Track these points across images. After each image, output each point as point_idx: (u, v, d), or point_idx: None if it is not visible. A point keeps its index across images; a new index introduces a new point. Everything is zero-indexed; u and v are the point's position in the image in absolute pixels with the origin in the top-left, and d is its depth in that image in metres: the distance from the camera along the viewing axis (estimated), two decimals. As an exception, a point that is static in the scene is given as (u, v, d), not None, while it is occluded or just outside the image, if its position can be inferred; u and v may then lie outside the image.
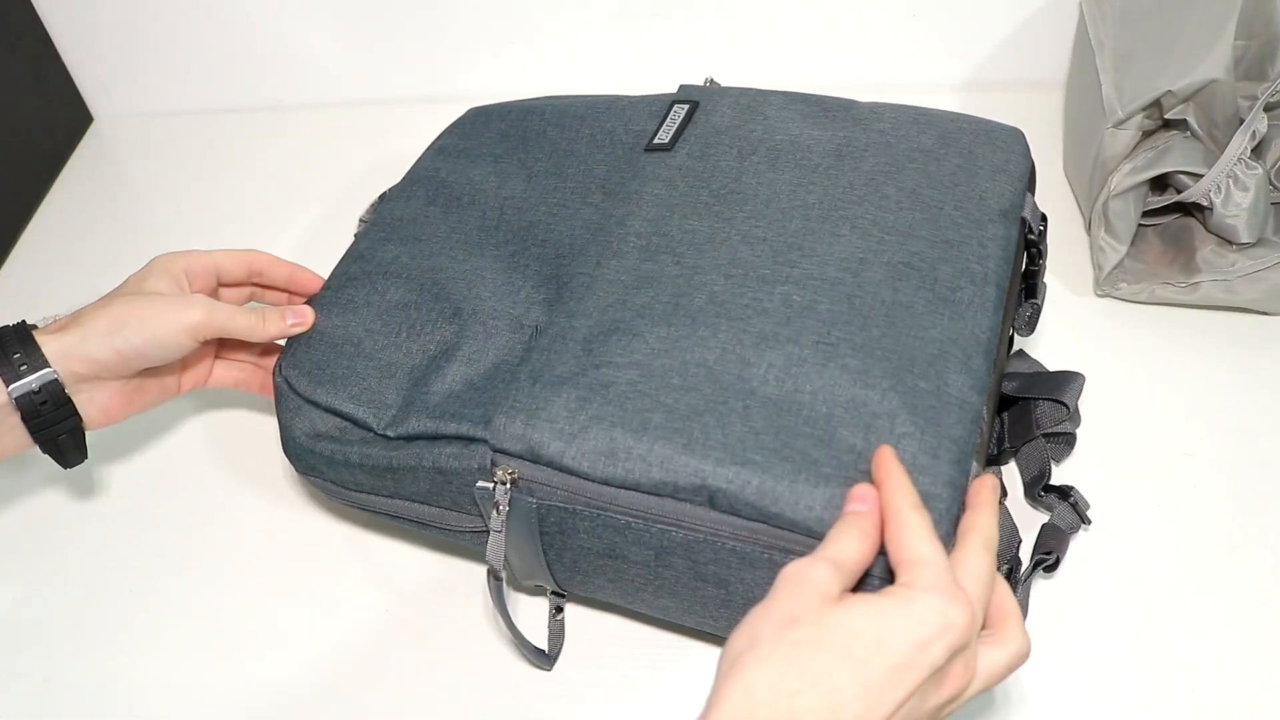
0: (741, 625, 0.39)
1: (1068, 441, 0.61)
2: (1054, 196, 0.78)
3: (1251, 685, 0.53)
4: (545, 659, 0.55)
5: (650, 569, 0.49)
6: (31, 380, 0.50)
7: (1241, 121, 0.63)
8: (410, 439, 0.52)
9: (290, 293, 0.61)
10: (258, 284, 0.60)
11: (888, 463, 0.43)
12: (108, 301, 0.53)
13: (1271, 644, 0.55)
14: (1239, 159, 0.63)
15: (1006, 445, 0.61)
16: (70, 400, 0.52)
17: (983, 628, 0.40)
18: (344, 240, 0.63)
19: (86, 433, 0.54)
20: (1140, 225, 0.69)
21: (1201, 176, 0.64)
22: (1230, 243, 0.66)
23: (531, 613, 0.59)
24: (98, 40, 0.90)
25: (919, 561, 0.39)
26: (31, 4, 0.87)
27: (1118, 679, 0.54)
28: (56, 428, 0.52)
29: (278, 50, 0.90)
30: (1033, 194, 0.59)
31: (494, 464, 0.49)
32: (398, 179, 0.70)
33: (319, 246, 0.80)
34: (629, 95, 0.66)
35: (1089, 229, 0.71)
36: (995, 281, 0.52)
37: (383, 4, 0.87)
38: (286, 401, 0.55)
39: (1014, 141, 0.59)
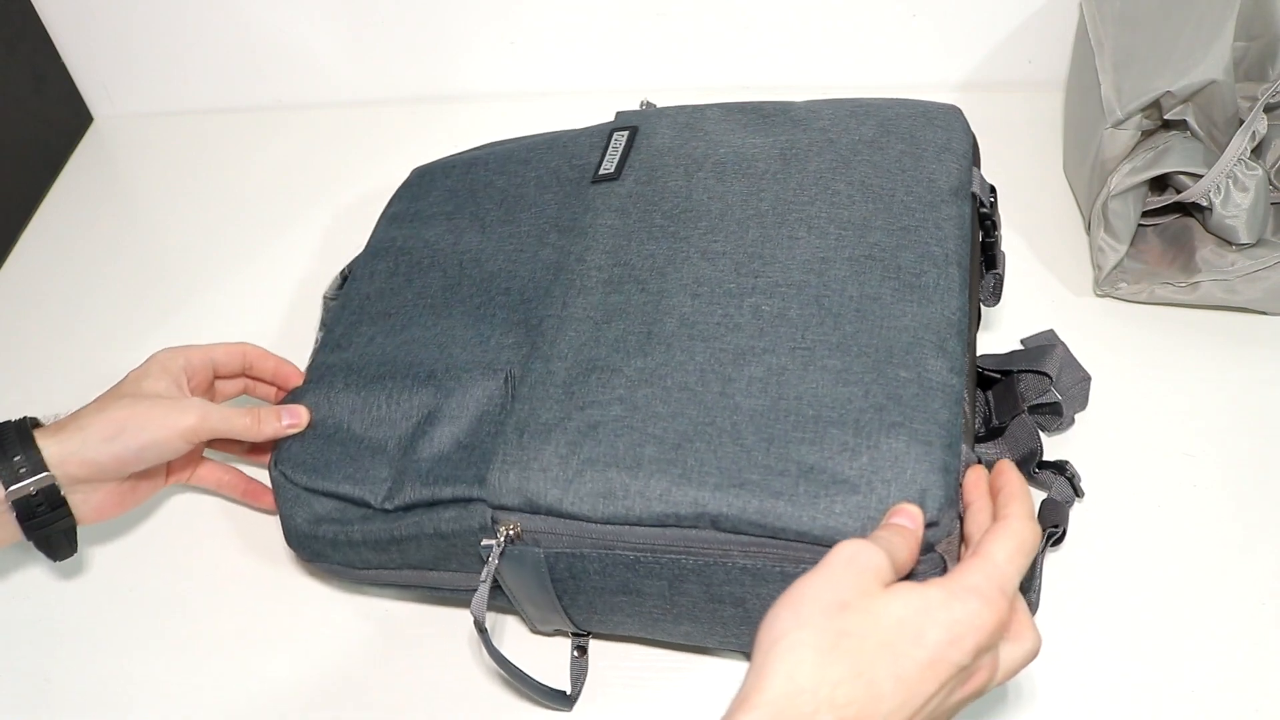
0: (787, 598, 0.38)
1: (1055, 411, 0.61)
2: (1054, 196, 0.78)
3: (1251, 685, 0.54)
4: (565, 700, 0.54)
5: (666, 598, 0.49)
6: (29, 484, 0.51)
7: (1241, 122, 0.63)
8: (408, 508, 0.52)
9: (276, 386, 0.62)
10: (250, 376, 0.62)
11: (1009, 473, 0.44)
12: (106, 403, 0.54)
13: (1271, 644, 0.55)
14: (1239, 159, 0.63)
15: (994, 422, 0.61)
16: (65, 502, 0.53)
17: None
18: (344, 240, 0.63)
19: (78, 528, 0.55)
20: (1140, 225, 0.69)
21: (1201, 177, 0.64)
22: (1230, 243, 0.66)
23: (546, 650, 0.58)
24: (98, 40, 0.90)
25: (985, 559, 0.40)
26: (31, 4, 0.87)
27: (1118, 679, 0.54)
28: (50, 527, 0.53)
29: (278, 50, 0.90)
30: (978, 168, 0.59)
31: (495, 521, 0.49)
32: (397, 179, 0.70)
33: (319, 246, 0.80)
34: (568, 130, 0.67)
35: (1089, 229, 0.71)
36: (956, 261, 0.52)
37: (383, 4, 0.87)
38: (284, 492, 0.55)
39: (953, 119, 0.59)
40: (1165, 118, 0.65)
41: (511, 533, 0.48)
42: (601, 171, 0.61)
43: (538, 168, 0.64)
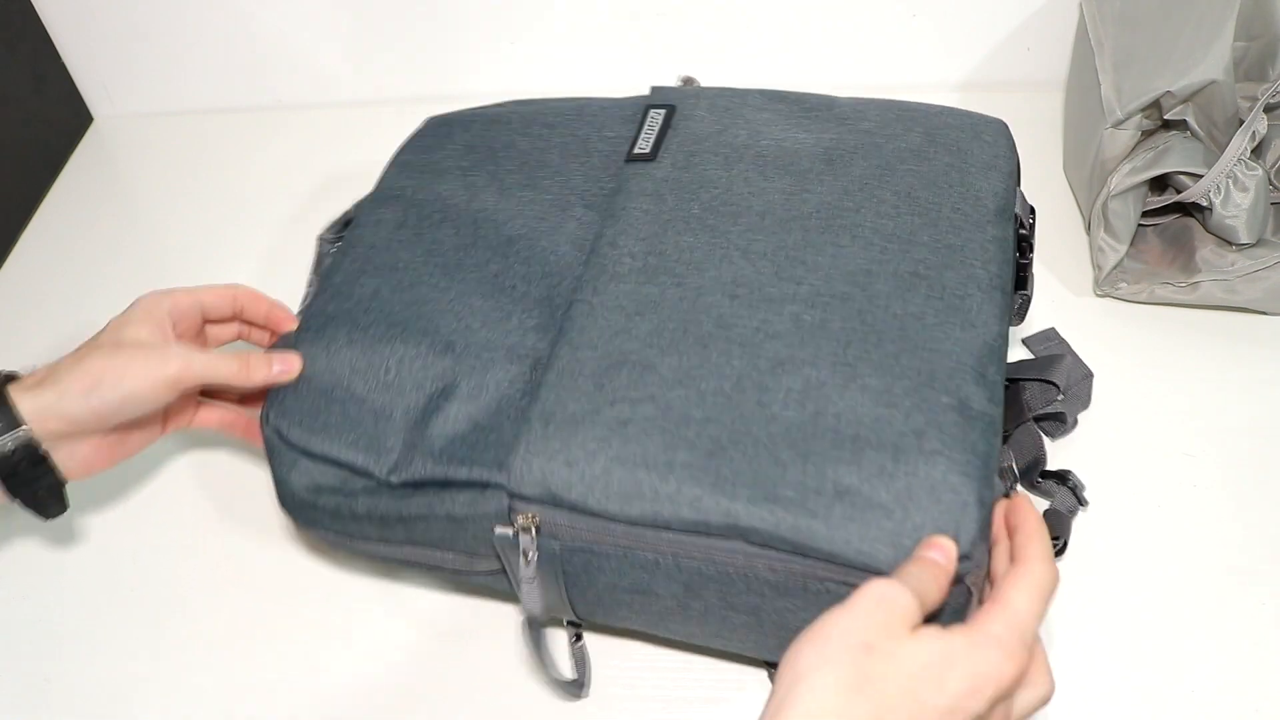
0: (813, 634, 0.38)
1: (1060, 419, 0.61)
2: (1054, 196, 0.78)
3: (1251, 686, 0.53)
4: (578, 687, 0.54)
5: (679, 601, 0.48)
6: (5, 440, 0.48)
7: (1241, 122, 0.63)
8: (418, 485, 0.49)
9: (271, 331, 0.59)
10: (243, 320, 0.59)
11: (1027, 510, 0.43)
12: (84, 354, 0.51)
13: (1271, 644, 0.55)
14: (1239, 159, 0.63)
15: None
16: (46, 458, 0.50)
17: None
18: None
19: (68, 483, 0.53)
20: (1140, 225, 0.69)
21: (1201, 177, 0.64)
22: (1230, 243, 0.66)
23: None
24: (98, 40, 0.90)
25: (1006, 607, 0.39)
26: (31, 4, 0.87)
27: (1118, 679, 0.54)
28: (33, 485, 0.51)
29: (278, 50, 0.90)
30: (1019, 186, 0.59)
31: (512, 510, 0.47)
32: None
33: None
34: (597, 98, 0.64)
35: (1089, 229, 0.71)
36: (1000, 286, 0.51)
37: (382, 4, 0.87)
38: (279, 455, 0.52)
39: (1000, 135, 0.58)
40: (1165, 118, 0.65)
41: (529, 524, 0.46)
42: (636, 150, 0.59)
43: (564, 134, 0.61)
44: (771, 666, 0.54)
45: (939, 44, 0.87)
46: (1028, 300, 0.60)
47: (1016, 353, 0.67)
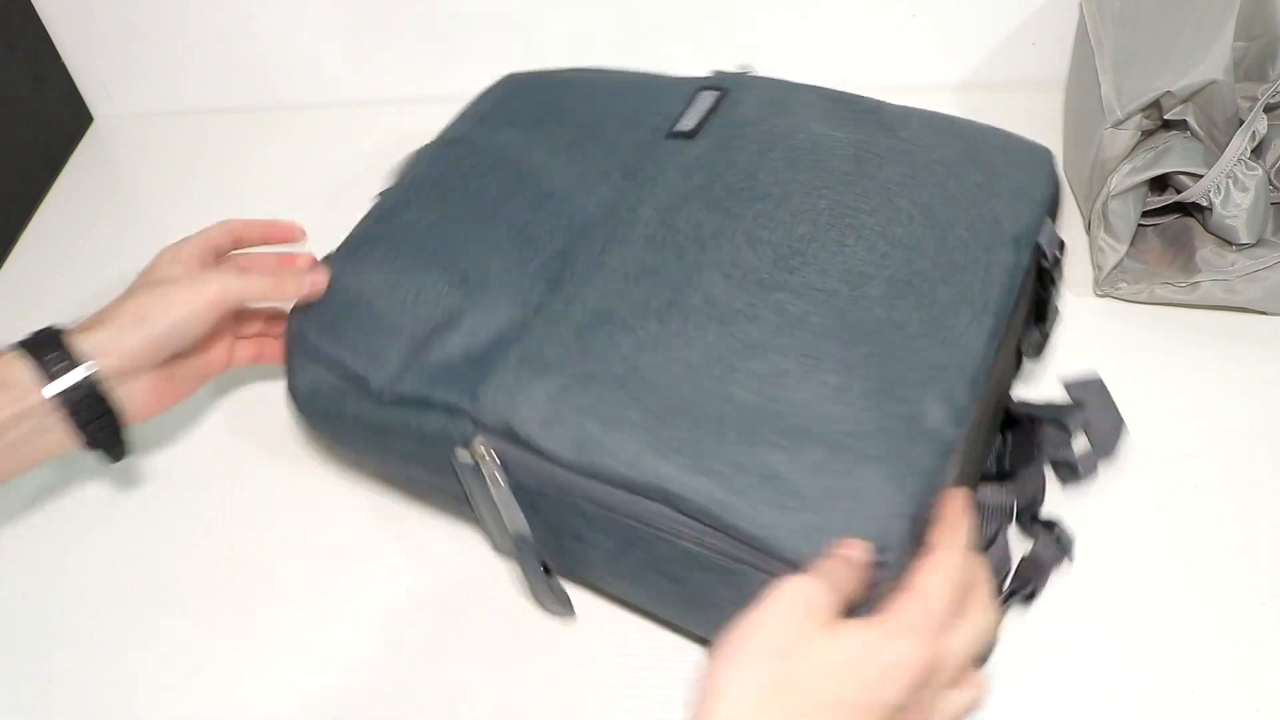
0: (730, 646, 0.38)
1: (1072, 467, 0.58)
2: (1054, 196, 0.78)
3: (1251, 686, 0.54)
4: (567, 608, 0.56)
5: (612, 556, 0.50)
6: (71, 376, 0.51)
7: (1241, 122, 0.63)
8: (403, 402, 0.52)
9: (276, 242, 0.64)
10: (246, 244, 0.63)
11: (952, 501, 0.44)
12: (126, 296, 0.54)
13: (1271, 644, 0.55)
14: (1239, 159, 0.63)
15: (1008, 465, 0.60)
16: (107, 396, 0.52)
17: None
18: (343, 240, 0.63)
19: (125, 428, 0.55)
20: (1140, 225, 0.69)
21: (1201, 177, 0.64)
22: (1230, 243, 0.66)
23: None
24: (98, 40, 0.90)
25: (917, 594, 0.40)
26: (31, 4, 0.87)
27: (1118, 679, 0.54)
28: (98, 422, 0.53)
29: (278, 50, 0.90)
30: (1054, 219, 0.57)
31: (472, 436, 0.50)
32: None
33: (319, 246, 0.80)
34: (663, 76, 0.66)
35: (1089, 229, 0.71)
36: (995, 311, 0.50)
37: (383, 4, 0.87)
38: (294, 351, 0.56)
39: (1041, 164, 0.57)
40: (1165, 118, 0.65)
41: (485, 452, 0.49)
42: (678, 127, 0.60)
43: (622, 105, 0.63)
44: (707, 644, 0.56)
45: (939, 44, 0.87)
46: (1046, 336, 0.59)
47: (1042, 390, 0.65)
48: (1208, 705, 0.53)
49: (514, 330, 0.53)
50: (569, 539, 0.50)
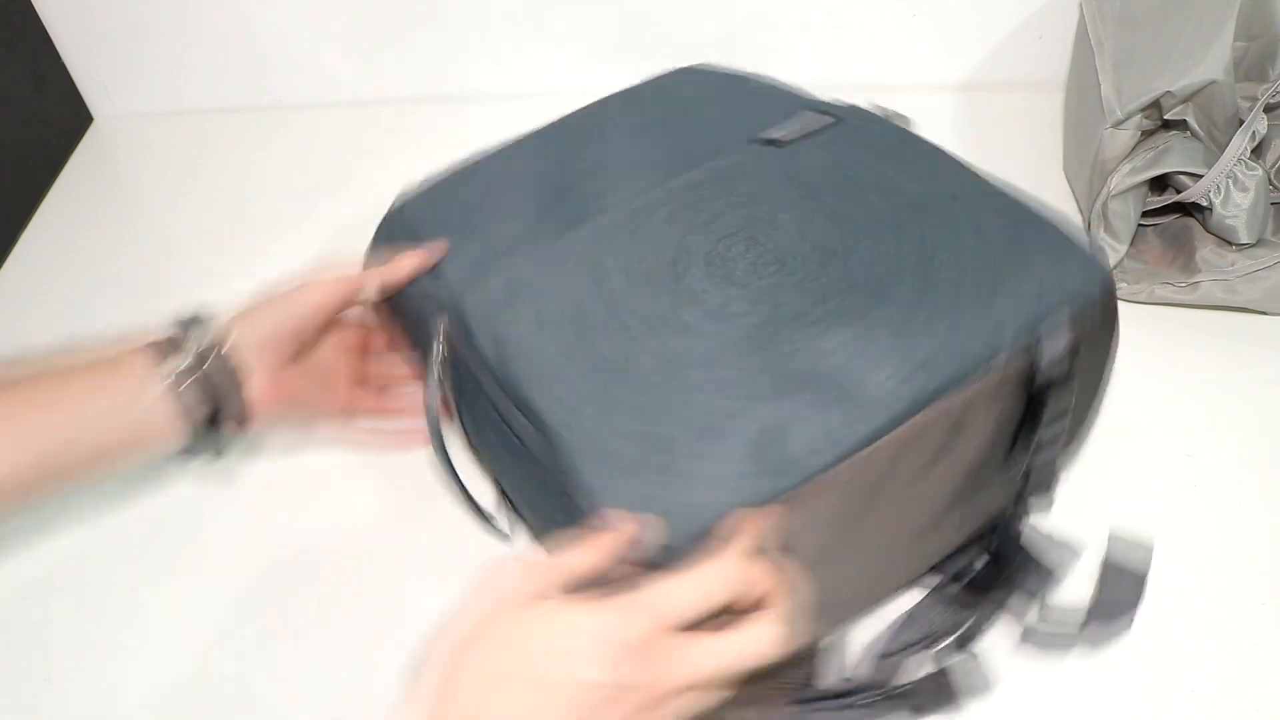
0: (455, 647, 0.38)
1: (1032, 632, 0.55)
2: (1054, 196, 0.78)
3: (1251, 686, 0.54)
4: (492, 521, 0.58)
5: (501, 460, 0.53)
6: (201, 350, 0.53)
7: (1241, 122, 0.63)
8: (434, 273, 0.57)
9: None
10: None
11: (748, 519, 0.43)
12: (257, 296, 0.57)
13: (1271, 644, 0.55)
14: (1239, 159, 0.63)
15: (966, 580, 0.56)
16: (236, 372, 0.54)
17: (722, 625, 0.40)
18: (344, 240, 0.63)
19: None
20: (1140, 225, 0.69)
21: (1201, 176, 0.64)
22: (1230, 243, 0.66)
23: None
24: (98, 40, 0.90)
25: (668, 583, 0.40)
26: (31, 4, 0.87)
27: (1118, 679, 0.54)
28: (225, 405, 0.54)
29: (278, 50, 0.91)
30: (1074, 344, 0.50)
31: (441, 309, 0.54)
32: (398, 179, 0.70)
33: (319, 246, 0.80)
34: (807, 94, 0.64)
35: (1089, 229, 0.71)
36: (916, 399, 0.47)
37: (383, 4, 0.87)
38: (388, 216, 0.62)
39: (1091, 282, 0.52)
40: (1165, 118, 0.65)
41: (444, 326, 0.53)
42: (769, 135, 0.60)
43: (749, 106, 0.64)
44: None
45: (939, 44, 0.87)
46: (1041, 472, 0.52)
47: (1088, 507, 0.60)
48: (1208, 705, 0.53)
49: (513, 244, 0.56)
50: (485, 433, 0.53)
